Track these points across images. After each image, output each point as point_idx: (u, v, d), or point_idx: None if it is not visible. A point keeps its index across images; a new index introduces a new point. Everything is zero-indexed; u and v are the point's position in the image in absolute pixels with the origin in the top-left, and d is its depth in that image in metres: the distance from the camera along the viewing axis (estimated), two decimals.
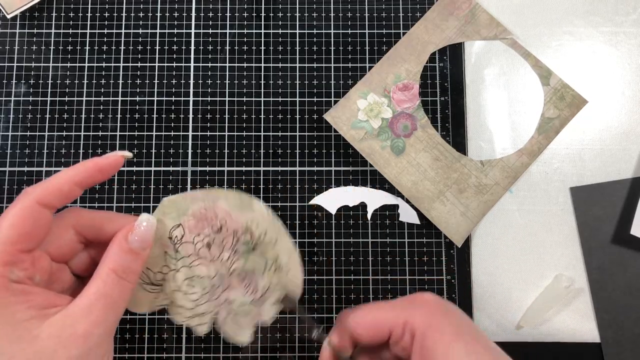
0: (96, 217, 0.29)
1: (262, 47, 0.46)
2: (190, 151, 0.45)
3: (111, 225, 0.29)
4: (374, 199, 0.44)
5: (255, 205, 0.30)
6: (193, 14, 0.46)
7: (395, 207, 0.44)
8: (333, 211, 0.44)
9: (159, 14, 0.46)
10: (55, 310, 0.25)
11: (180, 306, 0.30)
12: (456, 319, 0.28)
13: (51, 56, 0.46)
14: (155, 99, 0.45)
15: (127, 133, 0.45)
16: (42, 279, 0.27)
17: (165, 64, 0.46)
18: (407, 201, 0.44)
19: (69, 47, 0.46)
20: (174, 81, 0.45)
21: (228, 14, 0.46)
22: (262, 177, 0.44)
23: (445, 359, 0.26)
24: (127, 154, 0.29)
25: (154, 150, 0.44)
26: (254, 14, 0.47)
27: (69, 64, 0.46)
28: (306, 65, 0.46)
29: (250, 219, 0.30)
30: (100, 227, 0.29)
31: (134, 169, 0.44)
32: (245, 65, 0.46)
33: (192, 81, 0.46)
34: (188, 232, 0.30)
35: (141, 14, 0.46)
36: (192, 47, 0.46)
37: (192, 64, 0.46)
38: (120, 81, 0.45)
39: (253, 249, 0.30)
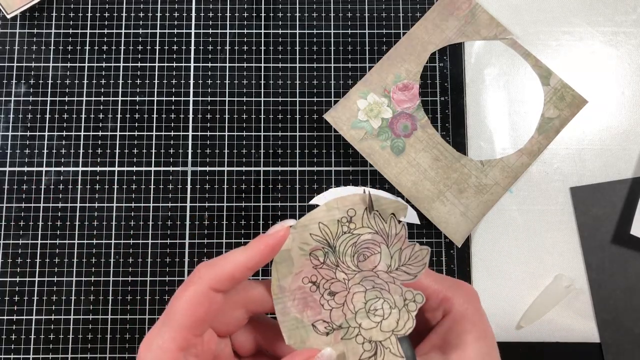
0: (266, 296, 0.28)
1: (262, 47, 0.46)
2: (190, 151, 0.45)
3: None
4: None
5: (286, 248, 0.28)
6: (193, 14, 0.46)
7: None
8: None
9: (159, 14, 0.46)
10: None
11: (390, 330, 0.27)
12: (485, 322, 0.29)
13: (51, 56, 0.46)
14: (155, 99, 0.45)
15: (127, 133, 0.45)
16: (208, 358, 0.27)
17: (165, 64, 0.46)
18: (407, 201, 0.44)
19: (69, 47, 0.46)
20: (174, 81, 0.45)
21: (228, 14, 0.46)
22: (262, 177, 0.44)
23: (465, 350, 0.27)
24: (292, 222, 0.28)
25: (154, 150, 0.44)
26: (254, 14, 0.47)
27: (69, 64, 0.46)
28: (306, 65, 0.46)
29: (297, 245, 0.28)
30: (270, 306, 0.28)
31: (134, 169, 0.44)
32: (245, 65, 0.46)
33: (192, 81, 0.46)
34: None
35: (141, 14, 0.46)
36: (192, 47, 0.46)
37: (192, 64, 0.46)
38: (120, 81, 0.45)
39: (329, 246, 0.28)
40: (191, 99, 0.45)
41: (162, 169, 0.44)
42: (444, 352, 0.27)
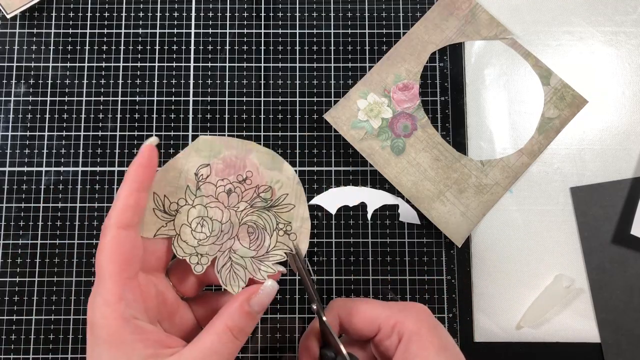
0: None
1: (262, 47, 0.46)
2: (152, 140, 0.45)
3: None
4: (374, 199, 0.44)
5: (285, 167, 0.32)
6: (193, 14, 0.46)
7: (395, 207, 0.44)
8: (333, 211, 0.44)
9: (159, 14, 0.46)
10: (170, 351, 0.26)
11: (185, 241, 0.31)
12: (444, 335, 0.29)
13: (51, 56, 0.46)
14: (155, 99, 0.45)
15: (127, 133, 0.45)
16: (152, 305, 0.28)
17: (165, 64, 0.46)
18: (407, 201, 0.44)
19: (69, 47, 0.46)
20: (174, 81, 0.45)
21: (228, 14, 0.46)
22: None
23: None
24: (153, 139, 0.30)
25: None
26: (254, 14, 0.47)
27: (69, 64, 0.46)
28: (306, 65, 0.46)
29: (276, 178, 0.32)
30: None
31: None
32: (245, 65, 0.46)
33: (192, 81, 0.46)
34: (214, 174, 0.31)
35: (141, 14, 0.46)
36: (192, 47, 0.46)
37: (192, 64, 0.46)
38: (120, 81, 0.45)
39: (269, 207, 0.32)
40: (191, 99, 0.45)
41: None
42: None
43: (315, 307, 0.31)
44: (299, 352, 0.31)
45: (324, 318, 0.31)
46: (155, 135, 0.45)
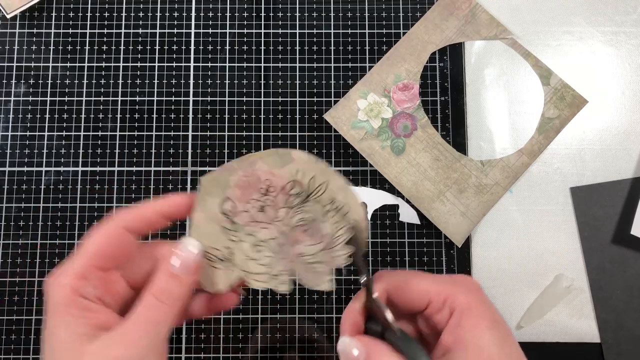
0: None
1: (262, 47, 0.46)
2: (190, 151, 0.45)
3: None
4: (374, 199, 0.44)
5: (295, 154, 0.30)
6: (193, 14, 0.46)
7: (395, 207, 0.44)
8: None
9: (159, 14, 0.46)
10: (106, 331, 0.26)
11: (256, 273, 0.30)
12: (494, 310, 0.29)
13: (51, 56, 0.46)
14: (155, 99, 0.45)
15: (127, 133, 0.45)
16: (114, 302, 0.28)
17: (165, 64, 0.46)
18: (407, 201, 0.44)
19: (69, 47, 0.46)
20: (174, 81, 0.45)
21: (228, 14, 0.46)
22: None
23: (479, 341, 0.27)
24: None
25: (154, 150, 0.44)
26: (254, 14, 0.47)
27: (69, 64, 0.46)
28: (306, 65, 0.46)
29: (293, 170, 0.30)
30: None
31: (134, 169, 0.44)
32: (245, 65, 0.46)
33: (192, 81, 0.46)
34: (238, 202, 0.30)
35: (141, 14, 0.46)
36: (192, 47, 0.46)
37: (192, 64, 0.46)
38: (120, 81, 0.45)
39: (307, 198, 0.30)
40: (191, 99, 0.45)
41: (162, 169, 0.44)
42: (460, 349, 0.27)
43: (364, 281, 0.30)
44: (342, 325, 0.30)
45: (375, 293, 0.29)
46: (155, 134, 0.45)
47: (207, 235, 0.29)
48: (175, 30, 0.46)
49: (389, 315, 0.28)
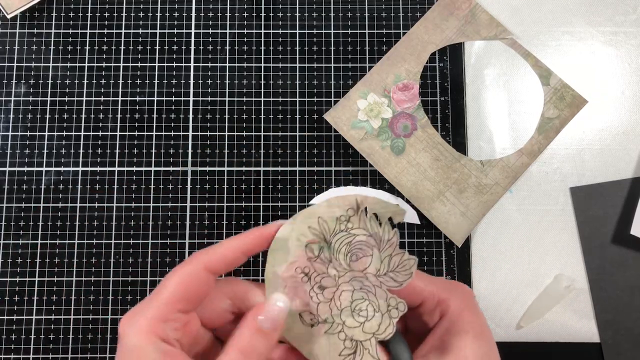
0: (251, 290, 0.29)
1: (262, 47, 0.46)
2: (190, 151, 0.45)
3: (256, 298, 0.28)
4: None
5: (279, 234, 0.29)
6: (193, 14, 0.46)
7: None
8: None
9: (159, 14, 0.46)
10: None
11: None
12: (483, 320, 0.29)
13: (51, 56, 0.46)
14: (155, 99, 0.45)
15: (127, 133, 0.45)
16: (188, 343, 0.27)
17: (165, 64, 0.46)
18: (407, 201, 0.44)
19: (69, 47, 0.46)
20: (174, 81, 0.45)
21: (228, 14, 0.46)
22: (262, 177, 0.44)
23: (462, 350, 0.27)
24: (286, 222, 0.29)
25: (154, 150, 0.44)
26: (254, 14, 0.47)
27: (69, 64, 0.46)
28: (306, 65, 0.46)
29: (293, 247, 0.29)
30: (252, 299, 0.29)
31: (134, 169, 0.44)
32: (245, 65, 0.46)
33: (192, 81, 0.46)
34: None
35: (141, 14, 0.46)
36: (192, 47, 0.46)
37: (192, 64, 0.46)
38: (120, 81, 0.45)
39: (325, 241, 0.29)
40: (191, 99, 0.45)
41: (162, 169, 0.44)
42: (442, 353, 0.27)
43: None
44: None
45: None
46: (156, 134, 0.45)
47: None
48: (175, 30, 0.46)
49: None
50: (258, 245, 0.28)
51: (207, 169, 0.44)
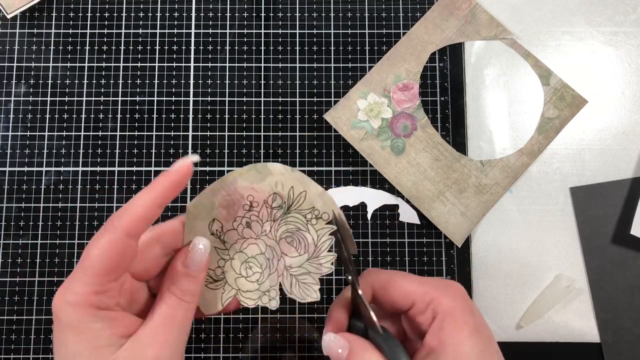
0: (176, 228, 0.30)
1: (262, 47, 0.46)
2: (190, 151, 0.45)
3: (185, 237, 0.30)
4: (373, 199, 0.44)
5: (272, 167, 0.31)
6: (193, 14, 0.46)
7: (395, 207, 0.44)
8: None
9: (159, 14, 0.46)
10: (128, 336, 0.26)
11: (247, 291, 0.31)
12: (478, 317, 0.29)
13: (51, 56, 0.46)
14: (155, 99, 0.45)
15: (127, 133, 0.45)
16: (126, 301, 0.28)
17: (165, 64, 0.46)
18: (407, 201, 0.44)
19: (69, 47, 0.46)
20: (174, 81, 0.45)
21: (228, 14, 0.46)
22: None
23: (459, 347, 0.27)
24: (195, 158, 0.29)
25: (154, 150, 0.44)
26: (254, 14, 0.47)
27: (69, 64, 0.46)
28: (306, 65, 0.46)
29: (272, 183, 0.31)
30: (180, 238, 0.30)
31: (134, 169, 0.44)
32: (245, 65, 0.46)
33: (192, 81, 0.46)
34: (224, 222, 0.31)
35: (141, 14, 0.46)
36: (192, 47, 0.46)
37: (192, 64, 0.46)
38: (120, 81, 0.45)
39: (288, 209, 0.31)
40: (191, 99, 0.45)
41: (162, 169, 0.44)
42: (441, 352, 0.27)
43: (350, 278, 0.30)
44: (326, 320, 0.31)
45: (359, 291, 0.30)
46: (156, 134, 0.45)
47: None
48: (175, 30, 0.46)
49: (372, 314, 0.29)
50: (171, 193, 0.28)
51: (207, 169, 0.44)
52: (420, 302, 0.29)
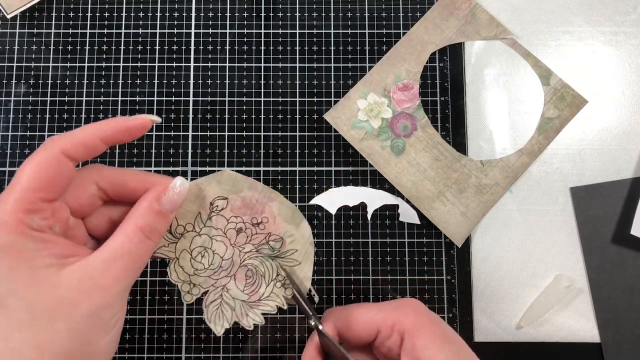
0: (119, 173, 0.29)
1: (262, 47, 0.46)
2: (190, 151, 0.45)
3: (136, 183, 0.28)
4: (374, 199, 0.44)
5: (303, 225, 0.31)
6: (193, 14, 0.46)
7: (395, 207, 0.44)
8: (333, 211, 0.44)
9: (159, 14, 0.46)
10: (75, 259, 0.25)
11: (182, 266, 0.30)
12: (443, 325, 0.30)
13: (51, 56, 0.46)
14: (155, 99, 0.45)
15: None
16: (60, 230, 0.26)
17: (165, 64, 0.46)
18: (407, 201, 0.44)
19: (69, 47, 0.46)
20: (174, 81, 0.45)
21: (228, 14, 0.46)
22: (262, 177, 0.44)
23: (434, 358, 0.27)
24: (156, 118, 0.29)
25: (154, 150, 0.44)
26: (254, 14, 0.47)
27: (69, 64, 0.46)
28: (306, 65, 0.46)
29: (290, 232, 0.31)
30: (124, 184, 0.28)
31: (134, 169, 0.44)
32: (245, 65, 0.46)
33: (192, 81, 0.46)
34: (230, 209, 0.30)
35: (141, 14, 0.46)
36: (192, 47, 0.46)
37: (192, 64, 0.46)
38: (120, 81, 0.45)
39: (275, 257, 0.31)
40: (191, 99, 0.45)
41: (162, 169, 0.44)
42: None
43: (313, 323, 0.31)
44: None
45: (323, 330, 0.31)
46: (156, 134, 0.45)
47: (182, 205, 0.30)
48: (175, 30, 0.46)
49: (344, 351, 0.29)
50: (118, 135, 0.27)
51: (207, 169, 0.44)
52: (384, 328, 0.29)
